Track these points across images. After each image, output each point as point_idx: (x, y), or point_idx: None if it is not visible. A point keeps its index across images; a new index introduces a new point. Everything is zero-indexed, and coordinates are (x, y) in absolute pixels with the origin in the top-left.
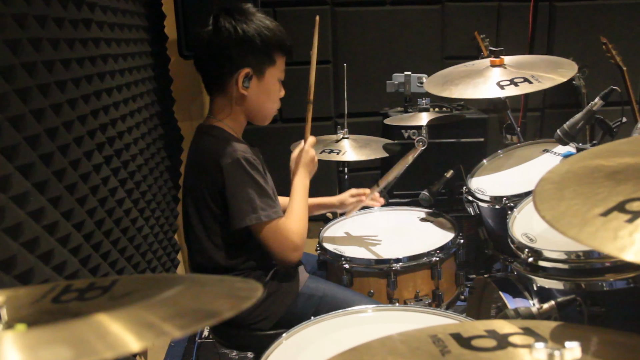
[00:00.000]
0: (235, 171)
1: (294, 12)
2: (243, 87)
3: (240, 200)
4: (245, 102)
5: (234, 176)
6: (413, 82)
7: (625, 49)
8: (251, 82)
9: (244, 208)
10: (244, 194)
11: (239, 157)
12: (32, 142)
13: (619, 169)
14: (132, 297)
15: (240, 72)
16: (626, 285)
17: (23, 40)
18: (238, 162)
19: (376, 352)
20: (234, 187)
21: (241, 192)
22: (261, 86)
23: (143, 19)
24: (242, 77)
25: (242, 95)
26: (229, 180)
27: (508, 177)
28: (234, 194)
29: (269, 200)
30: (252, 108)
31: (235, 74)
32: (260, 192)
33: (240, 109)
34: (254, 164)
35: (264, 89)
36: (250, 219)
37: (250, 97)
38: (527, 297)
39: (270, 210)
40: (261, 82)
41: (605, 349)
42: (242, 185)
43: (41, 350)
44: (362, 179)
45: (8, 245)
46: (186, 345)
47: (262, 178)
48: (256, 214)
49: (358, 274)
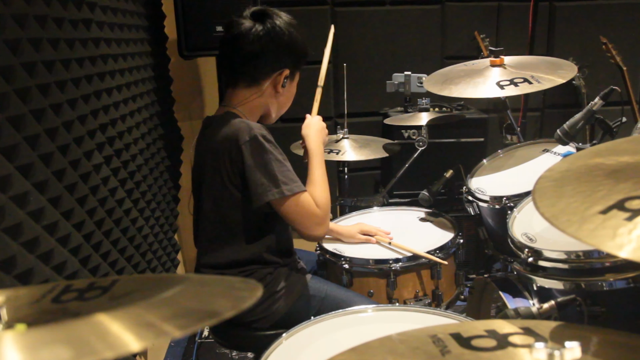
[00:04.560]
0: (254, 148)
1: (294, 12)
2: (281, 87)
3: (261, 176)
4: (273, 101)
5: (253, 153)
6: (413, 82)
7: (625, 49)
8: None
9: (266, 184)
10: (265, 169)
11: (257, 135)
12: (32, 142)
13: (618, 167)
14: (132, 297)
15: (282, 73)
16: (626, 285)
17: (23, 40)
18: (256, 139)
19: (376, 352)
20: (254, 164)
21: (262, 168)
22: (290, 89)
23: (143, 19)
24: (283, 78)
25: (274, 94)
26: (248, 158)
27: (508, 177)
28: (254, 171)
29: (290, 174)
30: (275, 107)
31: (274, 74)
32: (281, 167)
33: (263, 105)
34: (271, 140)
35: (291, 92)
36: (272, 194)
37: (280, 97)
38: (527, 297)
39: (292, 184)
40: (291, 84)
41: (605, 349)
42: (262, 162)
43: (41, 350)
44: (362, 179)
45: (8, 245)
46: (186, 345)
47: (281, 154)
48: (278, 188)
49: (358, 274)
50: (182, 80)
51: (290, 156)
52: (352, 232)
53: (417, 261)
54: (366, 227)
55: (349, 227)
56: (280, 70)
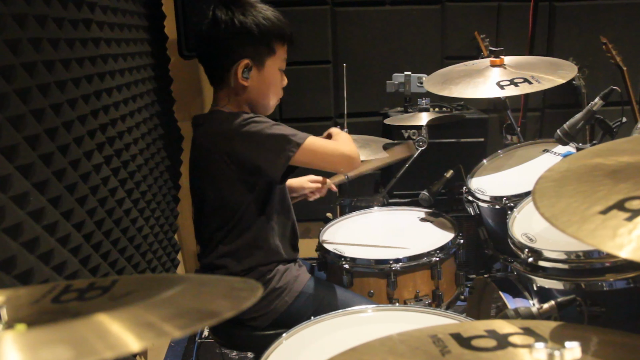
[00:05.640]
0: (246, 129)
1: (294, 12)
2: (243, 78)
3: (268, 145)
4: (247, 93)
5: (248, 133)
6: (413, 82)
7: (625, 49)
8: (251, 73)
9: (277, 146)
10: (268, 137)
11: (245, 118)
12: (32, 142)
13: (618, 167)
14: (132, 297)
15: (240, 64)
16: (626, 285)
17: (23, 40)
18: (243, 122)
19: (376, 352)
20: (255, 140)
21: (264, 138)
22: (262, 76)
23: (143, 19)
24: (242, 68)
25: (242, 86)
26: (245, 140)
27: (508, 177)
28: (258, 146)
29: (290, 129)
30: (254, 98)
31: (234, 66)
32: (279, 127)
33: (242, 99)
34: (261, 117)
35: (265, 79)
36: (287, 152)
37: (251, 87)
38: (527, 297)
39: (299, 133)
40: (261, 72)
41: (605, 349)
42: (261, 133)
43: (41, 350)
44: (362, 179)
45: (8, 245)
46: (186, 345)
47: (274, 121)
48: (290, 142)
49: (358, 274)
50: (182, 80)
51: None
52: (302, 182)
53: (418, 261)
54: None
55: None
56: (238, 61)
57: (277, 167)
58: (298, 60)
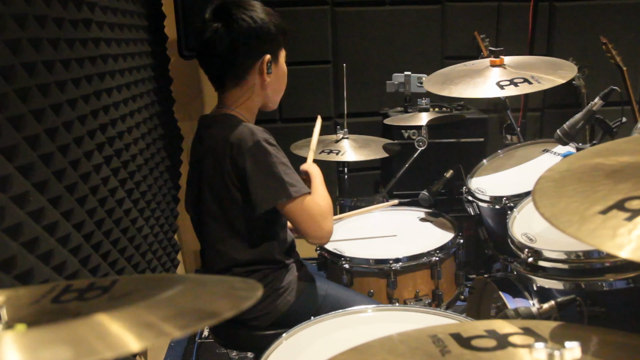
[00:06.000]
0: (258, 153)
1: (294, 12)
2: (267, 73)
3: (267, 180)
4: (267, 88)
5: (258, 158)
6: (413, 82)
7: (625, 49)
8: (272, 68)
9: (273, 187)
10: (270, 174)
11: (260, 139)
12: (32, 142)
13: (618, 167)
14: (132, 297)
15: (264, 60)
16: (626, 285)
17: (23, 40)
18: (259, 144)
19: (376, 352)
20: (259, 169)
21: (267, 172)
22: (278, 70)
23: (143, 19)
24: (266, 64)
25: (263, 82)
26: (252, 163)
27: (508, 177)
28: (259, 176)
29: (295, 176)
30: (271, 93)
31: (257, 63)
32: (286, 169)
33: (259, 96)
34: (274, 144)
35: (281, 73)
36: (280, 197)
37: (271, 82)
38: (527, 297)
39: (299, 185)
40: (277, 66)
41: (605, 349)
42: (268, 166)
43: (41, 350)
44: (362, 179)
45: (8, 245)
46: (186, 345)
47: (284, 157)
48: (286, 191)
49: (358, 274)
50: (182, 80)
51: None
52: None
53: (418, 261)
54: None
55: None
56: (261, 58)
57: (262, 204)
58: (298, 60)
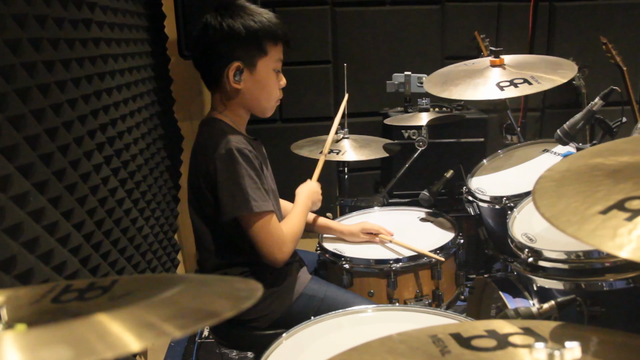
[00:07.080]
0: (228, 162)
1: (294, 12)
2: (235, 81)
3: (231, 191)
4: (240, 96)
5: (226, 167)
6: (413, 82)
7: (625, 49)
8: (243, 75)
9: (235, 198)
10: (236, 184)
11: (232, 148)
12: (32, 142)
13: (618, 167)
14: (132, 297)
15: (231, 66)
16: (626, 285)
17: (23, 40)
18: (230, 152)
19: (376, 352)
20: (226, 178)
21: (233, 182)
22: (255, 78)
23: (143, 19)
24: (233, 72)
25: (235, 89)
26: (221, 170)
27: (508, 177)
28: (225, 185)
29: (260, 192)
30: (249, 101)
31: (225, 69)
32: (252, 184)
33: (237, 102)
34: (248, 156)
35: (258, 81)
36: (240, 209)
37: (245, 90)
38: (527, 297)
39: (262, 202)
40: (254, 74)
41: (605, 349)
42: (234, 176)
43: (41, 350)
44: (362, 179)
45: (8, 245)
46: (186, 345)
47: (255, 171)
48: (247, 204)
49: (358, 274)
50: (182, 80)
51: (290, 156)
52: (355, 231)
53: (418, 261)
54: (369, 225)
55: (351, 226)
56: (229, 64)
57: (225, 212)
58: (298, 60)
